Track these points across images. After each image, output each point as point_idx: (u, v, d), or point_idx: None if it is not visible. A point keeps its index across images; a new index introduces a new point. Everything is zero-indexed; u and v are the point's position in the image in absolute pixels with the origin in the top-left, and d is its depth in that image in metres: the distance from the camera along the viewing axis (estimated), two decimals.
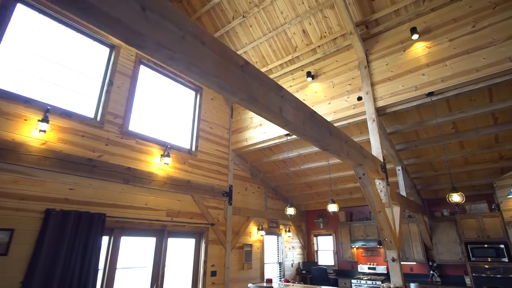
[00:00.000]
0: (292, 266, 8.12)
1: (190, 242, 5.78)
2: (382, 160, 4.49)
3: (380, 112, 4.88)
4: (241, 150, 6.87)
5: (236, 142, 6.89)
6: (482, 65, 4.02)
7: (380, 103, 4.80)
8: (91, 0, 1.23)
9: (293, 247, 8.42)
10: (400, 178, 5.75)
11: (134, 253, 4.88)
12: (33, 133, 3.86)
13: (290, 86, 6.26)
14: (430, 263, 6.61)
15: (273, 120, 2.34)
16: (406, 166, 6.18)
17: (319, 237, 8.87)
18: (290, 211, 5.77)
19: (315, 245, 8.83)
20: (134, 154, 5.03)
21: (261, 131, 6.45)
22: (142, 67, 5.60)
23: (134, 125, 5.22)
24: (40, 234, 3.72)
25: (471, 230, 6.13)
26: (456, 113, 4.82)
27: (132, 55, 5.38)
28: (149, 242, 5.09)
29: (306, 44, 5.85)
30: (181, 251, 5.61)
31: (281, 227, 8.08)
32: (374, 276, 7.17)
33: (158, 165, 5.30)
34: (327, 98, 5.54)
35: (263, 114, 2.22)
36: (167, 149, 5.46)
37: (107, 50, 5.13)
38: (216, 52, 1.79)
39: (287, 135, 6.02)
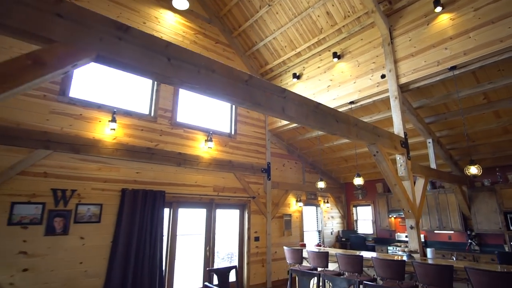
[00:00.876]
0: (331, 234, 8.76)
1: (235, 213, 6.75)
2: (404, 136, 4.73)
3: (404, 88, 5.02)
4: (276, 130, 7.47)
5: (272, 123, 7.49)
6: (507, 35, 3.94)
7: (403, 80, 4.94)
8: (135, 64, 1.94)
9: (332, 217, 9.00)
10: (431, 151, 5.85)
11: (190, 222, 5.99)
12: (106, 131, 4.97)
13: (318, 67, 6.55)
14: (468, 232, 6.67)
15: (277, 117, 2.93)
16: (439, 138, 6.18)
17: (358, 208, 9.28)
18: (321, 184, 6.33)
19: (354, 215, 9.29)
20: (183, 141, 5.99)
21: None
22: None
23: (181, 117, 6.14)
24: (120, 207, 4.93)
25: (511, 200, 6.02)
26: (484, 84, 4.74)
27: None
28: (201, 213, 6.16)
29: (331, 25, 6.03)
30: (228, 220, 6.62)
31: (319, 198, 8.68)
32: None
33: (203, 149, 6.22)
34: (353, 77, 5.76)
35: (267, 113, 2.82)
36: (209, 134, 6.32)
37: None
38: (224, 75, 2.42)
39: None
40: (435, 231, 7.29)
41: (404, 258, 4.04)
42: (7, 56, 4.28)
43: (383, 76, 5.25)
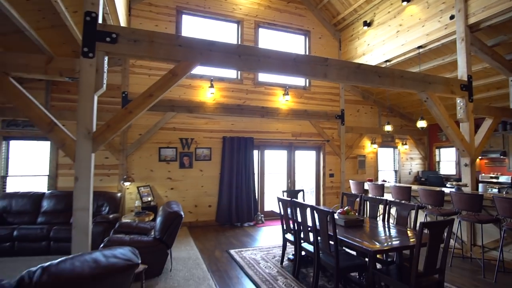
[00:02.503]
0: (409, 174, 9.16)
1: (312, 153, 8.01)
2: (467, 79, 4.86)
3: (474, 28, 4.93)
4: None
5: None
6: None
7: (473, 20, 4.85)
8: (220, 63, 3.26)
9: (411, 158, 9.27)
10: None
11: (274, 162, 7.60)
12: (207, 95, 6.71)
13: (388, 12, 6.59)
14: None
15: (320, 81, 3.88)
16: None
17: (441, 149, 9.19)
18: (388, 127, 6.86)
19: (436, 156, 9.28)
20: (265, 97, 7.34)
21: (364, 59, 7.29)
22: (260, 29, 7.44)
23: (262, 77, 7.40)
24: (222, 149, 6.82)
25: None
26: None
27: (251, 23, 7.28)
28: (282, 154, 7.66)
29: None
30: (305, 160, 7.96)
31: (397, 141, 9.01)
32: (496, 184, 7.35)
33: (281, 101, 7.45)
34: (422, 21, 5.76)
35: (312, 79, 3.82)
36: (286, 89, 7.44)
37: (235, 25, 7.24)
38: (276, 58, 3.53)
39: (386, 61, 6.70)
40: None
41: (453, 190, 4.64)
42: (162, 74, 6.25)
43: (451, 17, 5.18)
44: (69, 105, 5.85)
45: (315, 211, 3.27)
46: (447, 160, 9.05)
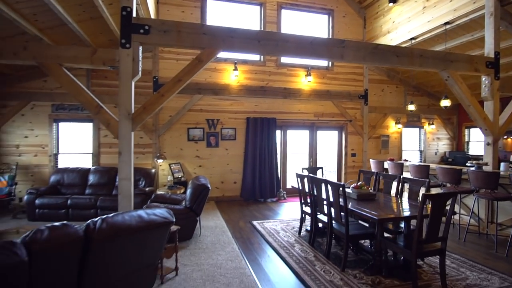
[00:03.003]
0: (435, 154, 9.01)
1: (334, 133, 8.15)
2: (494, 56, 4.74)
3: (504, 1, 4.73)
4: None
5: None
6: None
7: None
8: (241, 49, 3.54)
9: (438, 138, 9.08)
10: None
11: (296, 142, 7.85)
12: (232, 78, 7.01)
13: None
14: None
15: (337, 62, 4.04)
16: None
17: (471, 129, 8.89)
18: (411, 107, 6.80)
19: (466, 137, 9.01)
20: (287, 78, 7.50)
21: (388, 38, 7.16)
22: (283, 11, 7.50)
23: (284, 58, 7.53)
24: (246, 130, 7.18)
25: None
26: None
27: (274, 5, 7.36)
28: (304, 134, 7.88)
29: None
30: (327, 139, 8.13)
31: (423, 120, 8.85)
32: None
33: (303, 82, 7.58)
34: None
35: (328, 60, 3.98)
36: (308, 70, 7.54)
37: (258, 7, 7.36)
38: (294, 42, 3.73)
39: (411, 39, 6.56)
40: None
41: (472, 169, 4.67)
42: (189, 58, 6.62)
43: None
44: (106, 90, 6.43)
45: (328, 185, 3.55)
46: (477, 141, 8.78)
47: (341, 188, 3.26)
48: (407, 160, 6.87)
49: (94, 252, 1.97)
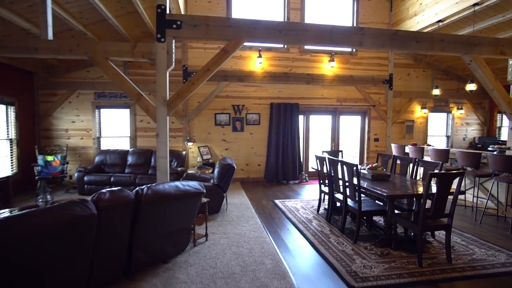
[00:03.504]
0: (464, 140, 8.80)
1: (357, 118, 8.24)
2: None
3: None
4: None
5: None
6: None
7: None
8: (264, 39, 3.83)
9: (467, 123, 8.84)
10: None
11: (318, 127, 8.05)
12: (256, 65, 7.30)
13: None
14: None
15: (355, 48, 4.20)
16: None
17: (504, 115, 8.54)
18: (436, 91, 6.73)
19: (498, 122, 8.69)
20: (310, 64, 7.66)
21: (415, 20, 7.04)
22: None
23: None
24: (270, 115, 7.49)
25: None
26: None
27: None
28: (327, 119, 8.06)
29: None
30: (350, 124, 8.24)
31: (451, 105, 8.64)
32: None
33: (327, 68, 7.69)
34: None
35: (346, 48, 4.16)
36: (332, 55, 7.62)
37: None
38: (313, 31, 3.95)
39: (438, 21, 6.43)
40: None
41: (495, 153, 4.70)
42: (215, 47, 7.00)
43: None
44: (141, 78, 6.99)
45: (344, 165, 3.83)
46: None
47: (354, 168, 3.53)
48: (430, 145, 6.87)
49: (142, 212, 2.46)
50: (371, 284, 2.63)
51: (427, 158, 5.72)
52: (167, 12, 3.65)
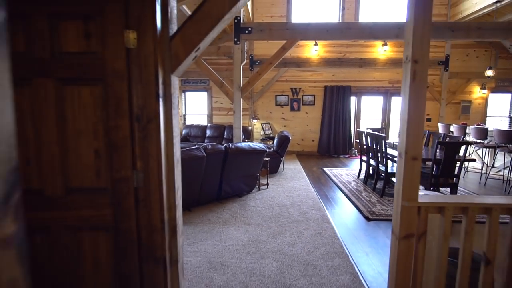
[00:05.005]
0: None
1: None
2: None
3: None
4: (462, 20, 7.84)
5: (453, 15, 7.89)
6: None
7: None
8: (312, 37, 4.93)
9: None
10: None
11: (370, 108, 8.75)
12: (312, 52, 8.28)
13: None
14: None
15: (393, 40, 4.97)
16: None
17: None
18: (489, 72, 6.86)
19: None
20: (363, 48, 8.31)
21: (473, 1, 7.12)
22: None
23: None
24: (324, 96, 8.48)
25: None
26: None
27: None
28: (378, 100, 8.68)
29: None
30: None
31: None
32: None
33: (379, 52, 8.26)
34: None
35: (383, 40, 4.97)
36: (385, 40, 8.14)
37: None
38: (356, 28, 4.88)
39: (496, 2, 6.51)
40: None
41: None
42: (277, 42, 8.21)
43: None
44: (216, 67, 8.59)
45: (376, 138, 4.80)
46: None
47: (383, 140, 4.50)
48: (480, 124, 7.11)
49: (228, 159, 3.94)
50: (382, 218, 3.72)
51: (468, 138, 6.18)
52: (241, 21, 4.97)
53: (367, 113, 8.84)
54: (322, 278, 2.36)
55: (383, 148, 4.55)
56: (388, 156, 4.53)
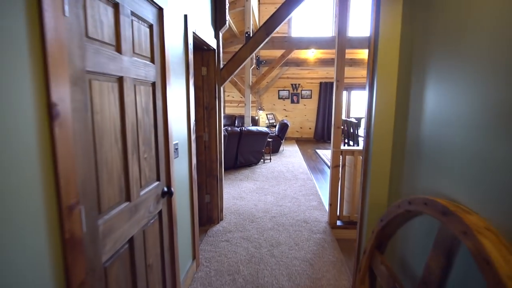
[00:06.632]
0: None
1: None
2: None
3: None
4: None
5: None
6: None
7: None
8: (304, 48, 6.50)
9: None
10: None
11: (358, 100, 10.26)
12: (309, 54, 9.78)
13: None
14: None
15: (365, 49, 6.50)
16: None
17: None
18: None
19: None
20: (353, 51, 9.77)
21: None
22: None
23: (351, 35, 9.73)
24: (319, 91, 10.02)
25: None
26: None
27: None
28: (365, 94, 10.17)
29: None
30: None
31: None
32: None
33: (366, 53, 9.71)
34: None
35: (362, 49, 6.49)
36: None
37: None
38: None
39: None
40: None
41: None
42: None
43: None
44: None
45: (351, 124, 6.35)
46: None
47: (356, 125, 6.07)
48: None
49: (241, 138, 5.59)
50: None
51: None
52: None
53: (356, 104, 10.35)
54: (301, 202, 4.01)
55: (356, 131, 6.13)
56: (359, 136, 6.11)
